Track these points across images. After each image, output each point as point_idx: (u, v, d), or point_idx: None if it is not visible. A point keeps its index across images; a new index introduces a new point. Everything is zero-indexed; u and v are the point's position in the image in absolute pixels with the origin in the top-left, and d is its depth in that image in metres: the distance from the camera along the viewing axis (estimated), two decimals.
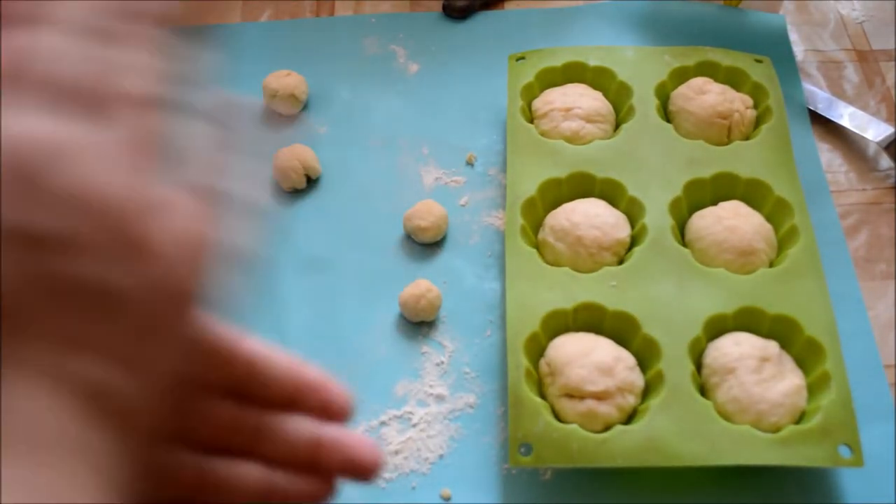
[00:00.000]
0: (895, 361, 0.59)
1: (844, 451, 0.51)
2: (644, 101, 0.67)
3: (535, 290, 0.58)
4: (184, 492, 0.31)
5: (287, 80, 0.72)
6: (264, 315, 0.62)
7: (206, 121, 0.28)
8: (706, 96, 0.67)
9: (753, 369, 0.53)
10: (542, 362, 0.55)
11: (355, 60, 0.77)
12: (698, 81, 0.68)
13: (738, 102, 0.67)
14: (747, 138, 0.67)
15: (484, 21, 0.80)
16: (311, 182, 0.69)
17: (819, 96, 0.73)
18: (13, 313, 0.23)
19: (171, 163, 0.26)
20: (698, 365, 0.56)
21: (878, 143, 0.70)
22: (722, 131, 0.66)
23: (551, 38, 0.77)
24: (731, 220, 0.60)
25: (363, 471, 0.32)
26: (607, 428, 0.52)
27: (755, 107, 0.68)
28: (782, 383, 0.53)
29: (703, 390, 0.55)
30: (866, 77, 0.76)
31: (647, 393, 0.55)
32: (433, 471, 0.55)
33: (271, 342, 0.35)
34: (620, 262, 0.60)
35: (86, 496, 0.23)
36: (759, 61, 0.70)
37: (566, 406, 0.53)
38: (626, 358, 0.55)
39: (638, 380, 0.55)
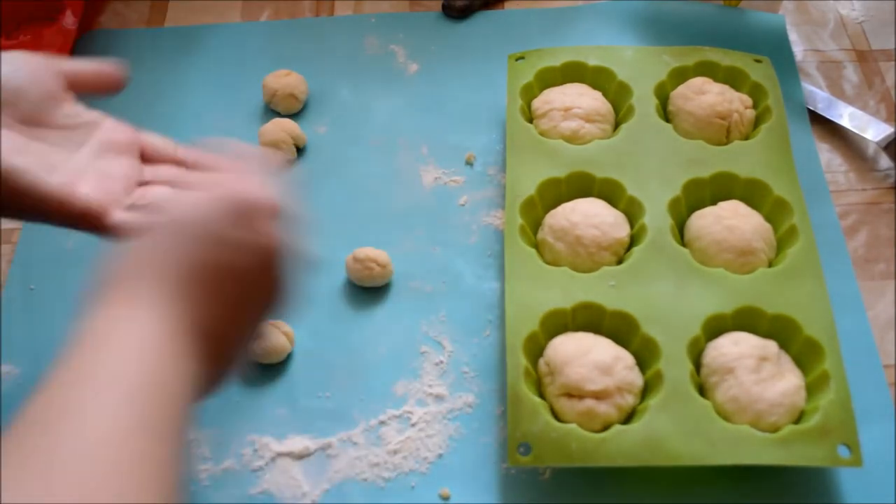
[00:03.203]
0: (895, 361, 0.59)
1: (843, 451, 0.51)
2: (643, 101, 0.67)
3: (535, 290, 0.58)
4: None
5: (287, 79, 0.72)
6: None
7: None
8: (705, 96, 0.67)
9: (752, 369, 0.53)
10: (542, 362, 0.55)
11: (355, 60, 0.77)
12: (697, 81, 0.68)
13: (737, 102, 0.67)
14: (747, 138, 0.67)
15: (483, 21, 0.80)
16: (300, 152, 0.71)
17: (818, 96, 0.73)
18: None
19: None
20: (697, 364, 0.56)
21: (878, 143, 0.70)
22: (721, 131, 0.66)
23: (551, 38, 0.77)
24: (730, 220, 0.60)
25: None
26: (606, 427, 0.52)
27: (754, 107, 0.68)
28: (781, 383, 0.53)
29: (702, 390, 0.55)
30: (866, 77, 0.76)
31: (646, 392, 0.55)
32: (432, 470, 0.55)
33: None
34: (619, 261, 0.60)
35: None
36: (758, 61, 0.70)
37: (565, 405, 0.53)
38: (626, 357, 0.55)
39: (637, 379, 0.54)
